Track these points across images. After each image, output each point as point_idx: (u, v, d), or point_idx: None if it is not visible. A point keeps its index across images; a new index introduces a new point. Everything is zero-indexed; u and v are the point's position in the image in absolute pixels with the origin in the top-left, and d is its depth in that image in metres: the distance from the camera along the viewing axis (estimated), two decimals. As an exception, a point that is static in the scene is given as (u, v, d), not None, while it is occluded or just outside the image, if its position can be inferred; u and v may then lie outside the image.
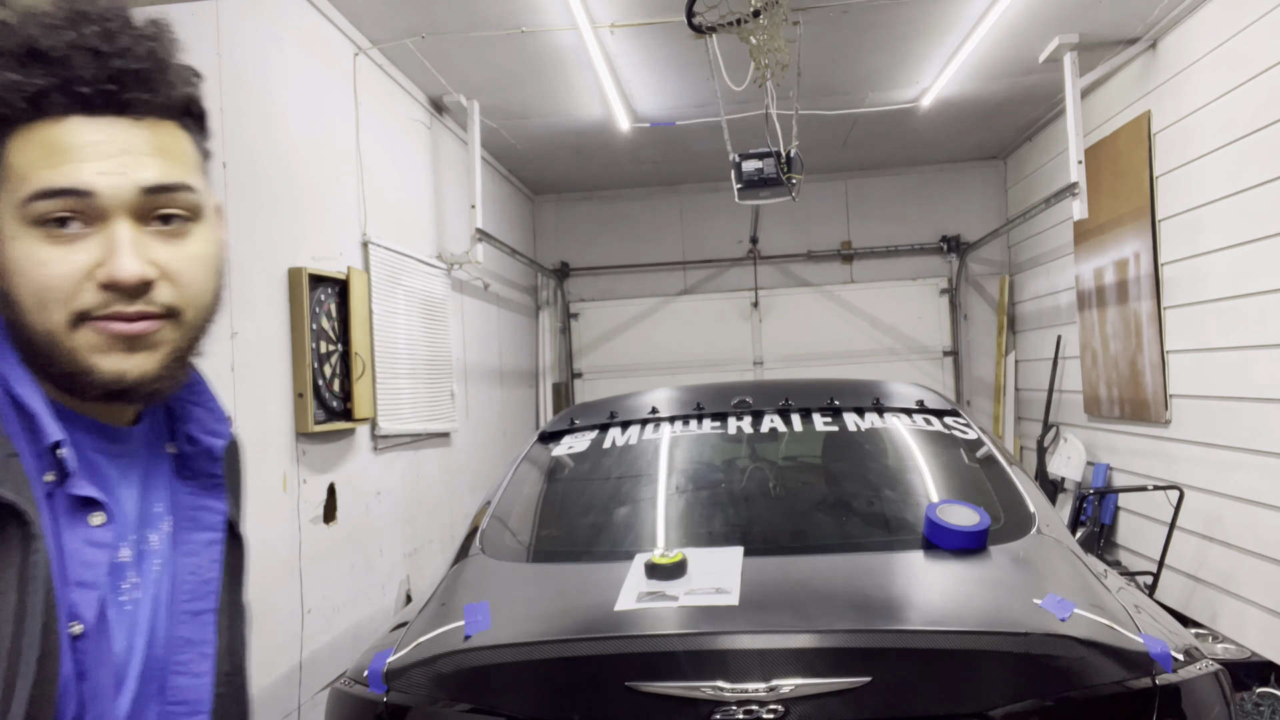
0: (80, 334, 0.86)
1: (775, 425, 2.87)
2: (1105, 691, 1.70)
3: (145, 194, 0.87)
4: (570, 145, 6.81)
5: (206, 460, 1.03)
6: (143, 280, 0.87)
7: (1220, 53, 4.31)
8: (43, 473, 0.86)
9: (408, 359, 4.91)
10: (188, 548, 1.00)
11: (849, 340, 8.19)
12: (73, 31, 0.86)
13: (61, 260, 0.85)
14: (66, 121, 0.86)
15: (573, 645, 1.84)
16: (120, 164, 0.86)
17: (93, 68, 0.85)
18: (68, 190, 0.85)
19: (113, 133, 0.87)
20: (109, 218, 0.86)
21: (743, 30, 3.74)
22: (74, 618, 0.85)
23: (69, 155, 0.85)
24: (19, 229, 0.85)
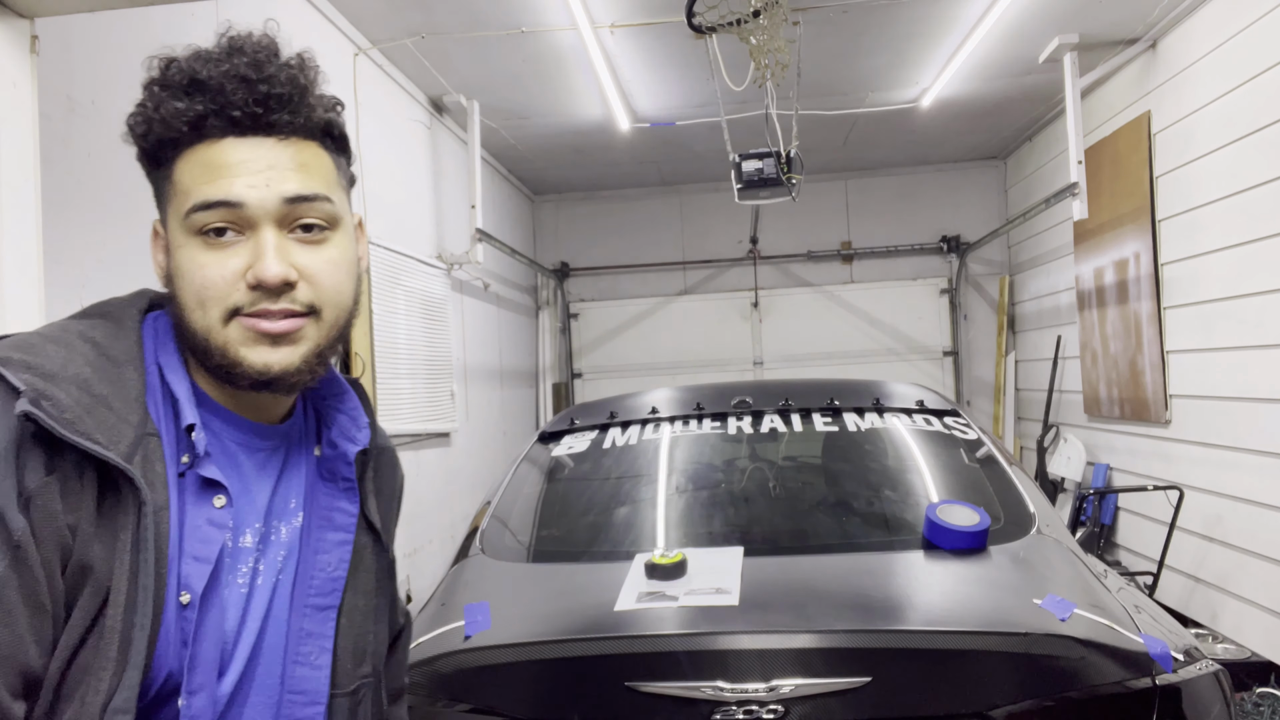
0: (231, 329, 0.97)
1: (775, 425, 2.87)
2: (1105, 691, 1.70)
3: (287, 203, 0.98)
4: (570, 145, 6.80)
5: (342, 464, 1.10)
6: (284, 280, 0.97)
7: (1220, 53, 4.31)
8: (180, 454, 0.97)
9: (407, 359, 4.91)
10: (319, 545, 1.08)
11: (849, 340, 8.19)
12: (227, 63, 0.98)
13: (218, 264, 0.96)
14: (222, 143, 0.97)
15: (573, 645, 1.83)
16: (266, 178, 0.97)
17: (243, 93, 0.97)
18: (221, 202, 0.96)
19: (260, 151, 0.98)
20: (257, 226, 0.97)
21: (743, 30, 3.74)
22: (184, 588, 0.93)
23: (223, 172, 0.96)
24: (184, 238, 0.98)
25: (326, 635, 1.07)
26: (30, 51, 2.19)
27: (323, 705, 1.06)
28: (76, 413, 0.89)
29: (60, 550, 0.87)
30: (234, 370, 0.98)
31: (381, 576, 1.16)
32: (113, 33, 2.78)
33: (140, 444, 0.92)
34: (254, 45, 1.02)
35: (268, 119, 0.98)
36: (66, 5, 2.23)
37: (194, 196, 0.96)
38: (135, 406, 0.94)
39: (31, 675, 0.85)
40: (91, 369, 0.93)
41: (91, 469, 0.89)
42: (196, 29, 3.18)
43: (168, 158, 0.99)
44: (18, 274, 2.13)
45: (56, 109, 2.52)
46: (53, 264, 2.36)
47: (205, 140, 0.97)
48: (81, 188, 2.63)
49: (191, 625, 0.94)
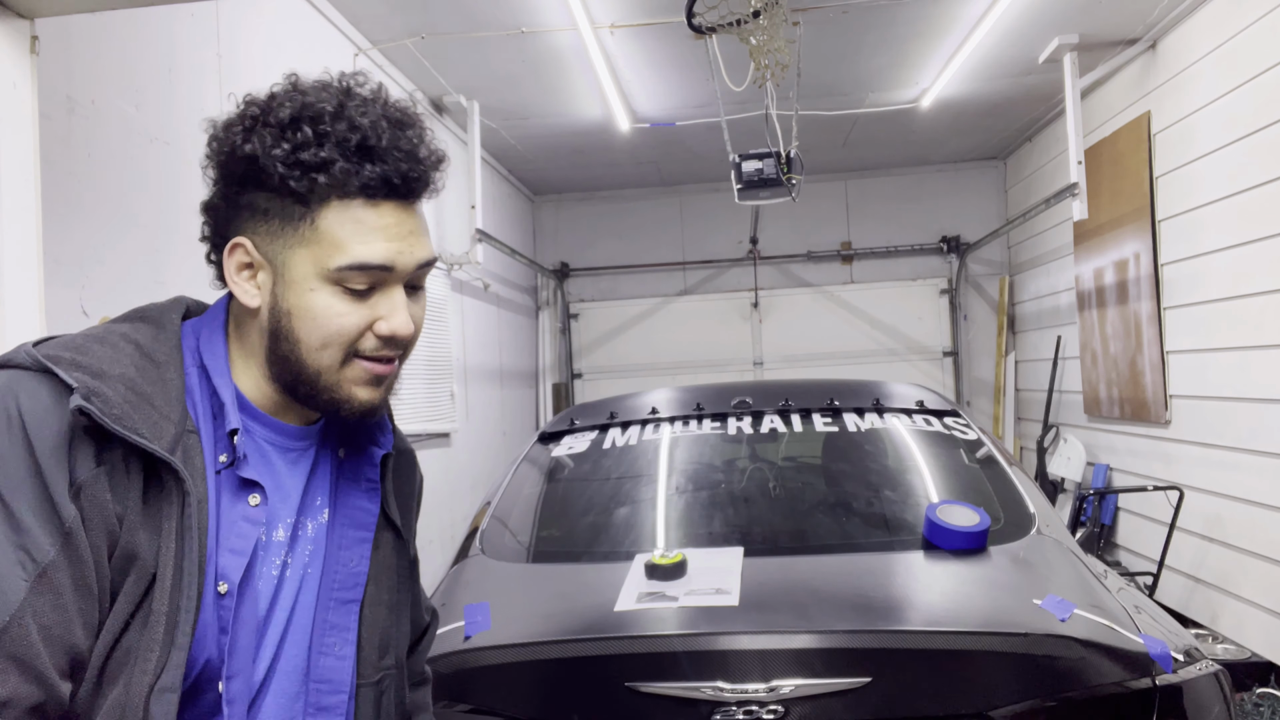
0: (348, 370, 1.05)
1: (775, 426, 2.87)
2: (1105, 692, 1.70)
3: (418, 269, 1.07)
4: (570, 145, 6.80)
5: (368, 465, 1.17)
6: (413, 335, 1.07)
7: (1220, 53, 4.31)
8: (219, 453, 1.02)
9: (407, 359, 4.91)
10: (343, 541, 1.14)
11: (849, 341, 8.19)
12: (397, 133, 1.04)
13: (355, 314, 1.03)
14: (379, 206, 1.03)
15: (573, 646, 1.83)
16: (410, 245, 1.05)
17: (409, 167, 1.04)
18: (379, 266, 1.03)
19: (405, 218, 1.05)
20: (390, 283, 1.05)
21: (742, 31, 3.74)
22: (222, 578, 0.99)
23: (376, 235, 1.03)
24: (319, 284, 1.03)
25: (349, 628, 1.13)
26: (30, 51, 2.19)
27: (346, 694, 1.12)
28: (124, 409, 0.94)
29: (108, 537, 0.93)
30: (343, 405, 1.06)
31: (403, 573, 1.21)
32: (113, 33, 2.78)
33: (181, 440, 0.98)
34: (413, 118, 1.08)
35: (416, 190, 1.06)
36: (66, 5, 2.23)
37: (349, 255, 1.01)
38: (175, 405, 1.00)
39: (78, 656, 0.91)
40: (136, 369, 0.99)
41: (138, 461, 0.95)
42: (197, 29, 3.18)
43: (306, 200, 1.02)
44: (18, 274, 2.13)
45: (56, 109, 2.52)
46: (53, 264, 2.36)
47: (362, 199, 1.02)
48: (81, 188, 2.62)
49: (230, 613, 0.99)
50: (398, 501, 1.21)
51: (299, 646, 1.09)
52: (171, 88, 3.02)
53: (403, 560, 1.21)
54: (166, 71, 3.02)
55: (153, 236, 2.91)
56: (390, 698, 1.18)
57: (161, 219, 2.95)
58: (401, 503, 1.22)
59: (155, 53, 2.98)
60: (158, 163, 2.95)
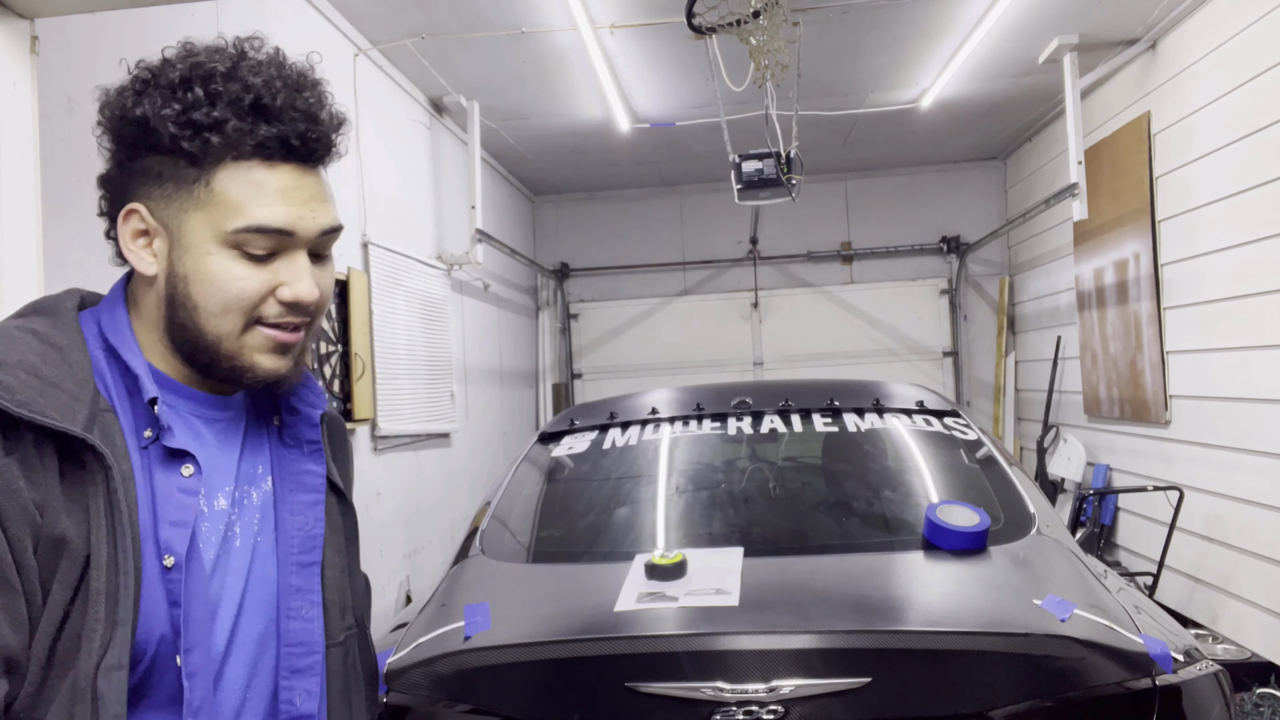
0: (248, 337, 1.03)
1: (775, 426, 2.87)
2: (1105, 692, 1.70)
3: (321, 235, 1.07)
4: (570, 146, 6.81)
5: (306, 427, 1.16)
6: (317, 302, 1.06)
7: (1220, 53, 4.31)
8: (142, 429, 1.01)
9: (407, 359, 4.91)
10: (294, 506, 1.13)
11: (849, 341, 8.19)
12: (295, 95, 1.03)
13: (255, 278, 1.02)
14: (277, 167, 1.02)
15: (573, 646, 1.83)
16: (312, 209, 1.05)
17: (307, 129, 1.03)
18: (278, 230, 1.02)
19: (305, 181, 1.05)
20: (293, 250, 1.04)
21: (742, 31, 3.74)
22: (167, 552, 0.98)
23: (276, 198, 1.02)
24: (217, 248, 1.01)
25: (314, 590, 1.12)
26: (30, 52, 2.19)
27: (320, 655, 1.12)
28: (28, 394, 0.92)
29: (30, 527, 0.90)
30: (245, 374, 1.05)
31: (350, 534, 1.22)
32: (113, 33, 2.78)
33: (96, 419, 0.96)
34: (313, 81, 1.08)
35: (312, 150, 1.05)
36: (66, 5, 2.23)
37: (246, 217, 1.00)
38: (85, 387, 0.98)
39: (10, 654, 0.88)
40: (36, 355, 0.97)
41: (51, 446, 0.93)
42: (196, 29, 3.18)
43: (200, 163, 1.01)
44: (18, 274, 2.13)
45: (56, 109, 2.52)
46: (53, 264, 2.36)
47: (258, 159, 1.01)
48: (81, 188, 2.62)
49: (179, 586, 0.98)
50: (336, 465, 1.21)
51: (259, 616, 1.08)
52: (171, 88, 3.01)
53: (349, 521, 1.22)
54: (166, 71, 3.01)
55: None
56: (354, 655, 1.19)
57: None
58: (340, 466, 1.23)
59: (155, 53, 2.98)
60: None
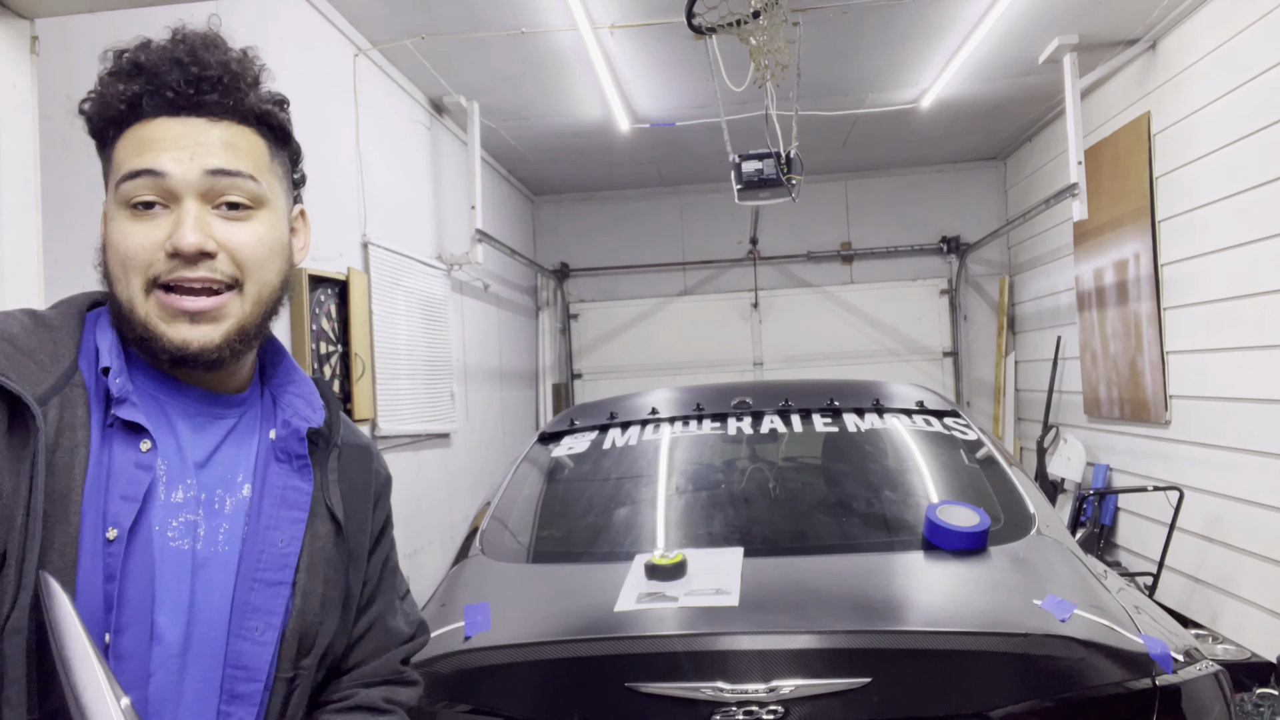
0: (150, 302, 1.01)
1: (775, 426, 2.87)
2: (1105, 692, 1.70)
3: (209, 175, 1.02)
4: (570, 146, 6.81)
5: (294, 441, 1.12)
6: (200, 249, 1.00)
7: (1220, 54, 4.31)
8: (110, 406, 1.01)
9: (408, 360, 4.91)
10: (271, 521, 1.08)
11: (849, 341, 8.19)
12: (168, 47, 1.04)
13: (141, 233, 1.01)
14: (156, 121, 1.02)
15: (572, 646, 1.83)
16: (191, 152, 1.01)
17: (176, 74, 1.02)
18: (144, 171, 1.00)
19: (191, 129, 1.02)
20: (180, 198, 1.01)
21: (742, 31, 3.74)
22: (111, 524, 0.97)
23: (152, 146, 1.01)
24: (115, 210, 1.02)
25: (275, 612, 1.07)
26: (30, 52, 2.19)
27: (262, 683, 1.06)
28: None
29: None
30: (153, 344, 1.02)
31: (340, 568, 1.14)
32: (113, 33, 2.77)
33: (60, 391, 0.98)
34: (195, 36, 1.06)
35: (199, 99, 1.03)
36: (66, 5, 2.23)
37: (124, 168, 1.01)
38: (62, 364, 1.00)
39: None
40: (21, 329, 1.00)
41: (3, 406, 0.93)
42: (196, 29, 3.18)
43: (111, 138, 1.04)
44: (18, 274, 2.13)
45: (56, 109, 2.52)
46: (53, 264, 2.36)
47: (142, 119, 1.02)
48: (81, 188, 2.62)
49: (117, 561, 0.96)
50: (345, 496, 1.16)
51: (214, 627, 1.03)
52: (171, 88, 3.01)
53: (341, 554, 1.14)
54: (166, 72, 3.01)
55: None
56: (301, 699, 1.10)
57: (161, 219, 2.94)
58: (350, 497, 1.17)
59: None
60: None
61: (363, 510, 1.20)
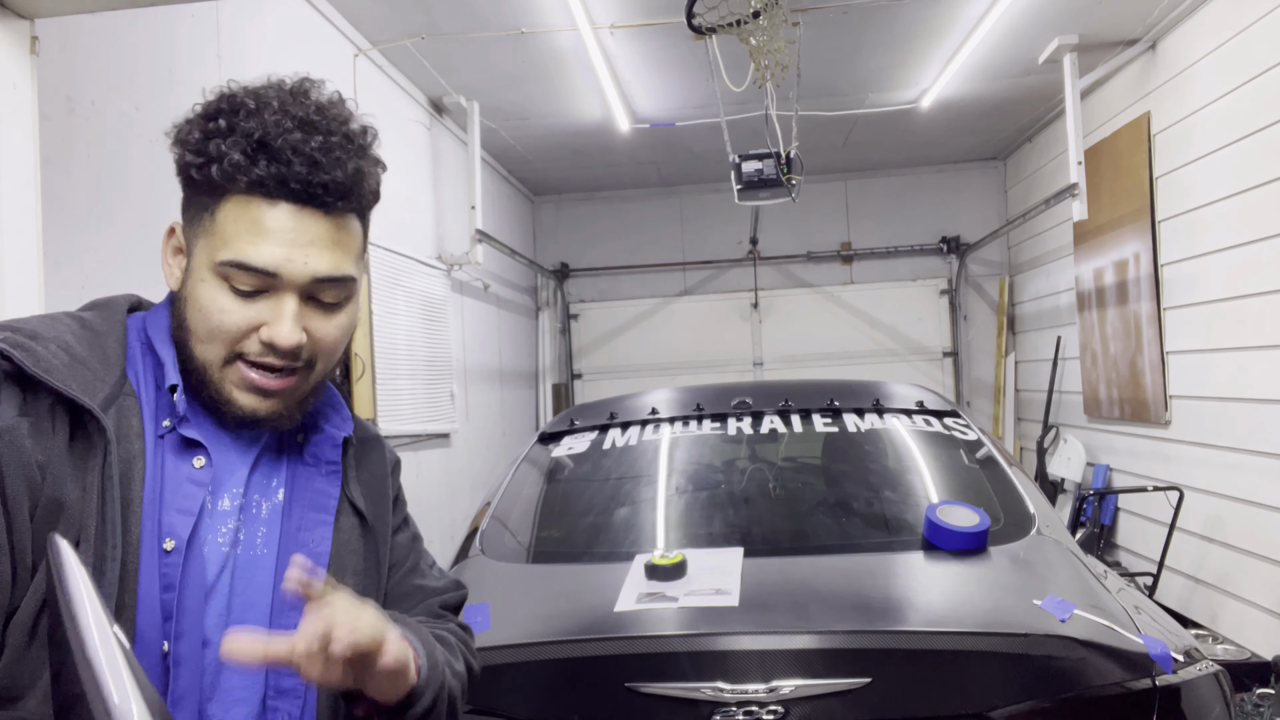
0: (230, 371, 1.04)
1: (775, 426, 2.87)
2: (1105, 692, 1.70)
3: (316, 282, 1.04)
4: (570, 146, 6.81)
5: (327, 447, 1.16)
6: (296, 347, 1.04)
7: (1220, 54, 4.31)
8: (162, 418, 1.04)
9: (407, 360, 4.91)
10: (302, 522, 1.12)
11: (849, 341, 8.19)
12: (300, 134, 1.01)
13: (238, 312, 1.02)
14: (275, 208, 1.02)
15: (572, 646, 1.83)
16: (305, 254, 1.02)
17: (307, 172, 1.01)
18: (260, 270, 1.01)
19: (306, 224, 1.03)
20: (282, 290, 1.03)
21: (742, 31, 3.74)
22: (168, 535, 1.01)
23: (267, 237, 1.01)
24: (209, 275, 1.03)
25: None
26: (30, 52, 2.19)
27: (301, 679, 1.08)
28: (52, 364, 0.96)
29: (28, 487, 0.93)
30: (224, 407, 1.05)
31: (370, 558, 1.19)
32: (113, 33, 2.78)
33: (115, 401, 1.00)
34: (327, 120, 1.05)
35: (324, 200, 1.03)
36: (66, 5, 2.23)
37: (233, 251, 1.01)
38: (114, 372, 1.02)
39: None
40: (74, 336, 1.02)
41: (64, 413, 0.96)
42: (197, 29, 3.18)
43: (214, 194, 1.03)
44: (18, 274, 2.13)
45: (56, 109, 2.52)
46: (53, 264, 2.36)
47: (259, 196, 1.01)
48: (81, 188, 2.62)
49: (175, 570, 1.00)
50: (364, 489, 1.20)
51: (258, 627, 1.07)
52: (171, 88, 3.02)
53: (369, 546, 1.19)
54: (166, 72, 3.02)
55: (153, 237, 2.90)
56: None
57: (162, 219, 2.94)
58: (370, 490, 1.21)
59: (155, 53, 2.98)
60: (158, 163, 2.95)
61: (385, 496, 1.24)
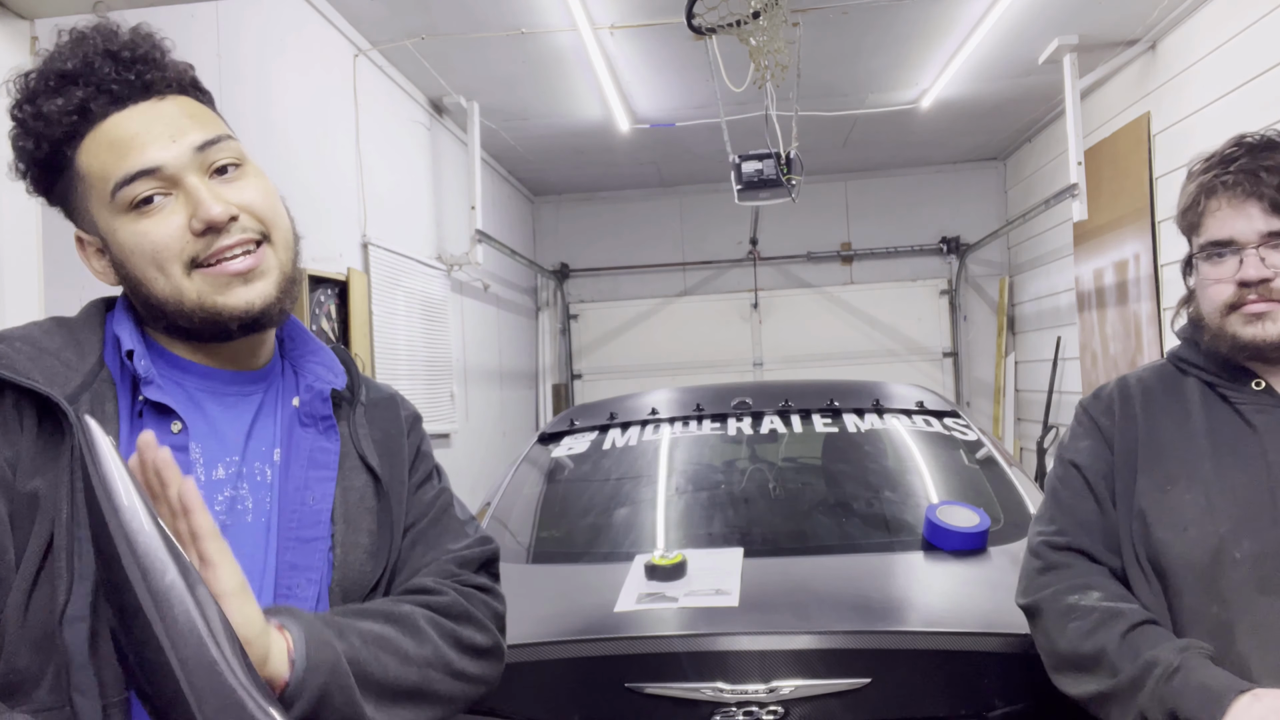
0: (197, 282, 1.02)
1: (775, 426, 2.87)
2: (1105, 692, 1.70)
3: (198, 151, 1.02)
4: (570, 146, 6.81)
5: (319, 403, 1.14)
6: (228, 215, 1.01)
7: (1220, 54, 4.31)
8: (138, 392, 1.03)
9: (407, 360, 4.92)
10: (301, 482, 1.10)
11: (849, 341, 8.19)
12: (82, 49, 1.01)
13: (159, 226, 1.01)
14: (110, 120, 1.01)
15: (573, 646, 1.83)
16: (169, 134, 1.01)
17: (111, 67, 1.01)
18: (140, 172, 1.00)
19: (149, 114, 1.02)
20: (180, 181, 1.01)
21: (742, 31, 3.74)
22: None
23: (128, 144, 1.00)
24: (117, 220, 1.01)
25: (314, 568, 1.09)
26: (30, 52, 2.19)
27: None
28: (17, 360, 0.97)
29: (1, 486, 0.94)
30: (220, 319, 1.03)
31: (385, 515, 1.15)
32: (113, 34, 2.78)
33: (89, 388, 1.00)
34: (95, 28, 1.04)
35: (142, 81, 1.02)
36: (66, 5, 2.23)
37: (112, 176, 1.00)
38: (89, 360, 1.02)
39: None
40: (44, 332, 1.03)
41: (32, 408, 0.96)
42: (197, 29, 3.18)
43: (66, 159, 1.02)
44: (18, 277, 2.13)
45: (56, 110, 2.52)
46: (52, 264, 2.36)
47: (95, 124, 1.01)
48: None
49: None
50: (380, 444, 1.18)
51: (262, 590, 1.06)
52: (171, 88, 3.01)
53: (383, 505, 1.15)
54: (166, 72, 3.01)
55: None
56: None
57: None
58: (385, 444, 1.19)
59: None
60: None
61: (400, 453, 1.21)
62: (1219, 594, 1.35)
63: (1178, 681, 1.24)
